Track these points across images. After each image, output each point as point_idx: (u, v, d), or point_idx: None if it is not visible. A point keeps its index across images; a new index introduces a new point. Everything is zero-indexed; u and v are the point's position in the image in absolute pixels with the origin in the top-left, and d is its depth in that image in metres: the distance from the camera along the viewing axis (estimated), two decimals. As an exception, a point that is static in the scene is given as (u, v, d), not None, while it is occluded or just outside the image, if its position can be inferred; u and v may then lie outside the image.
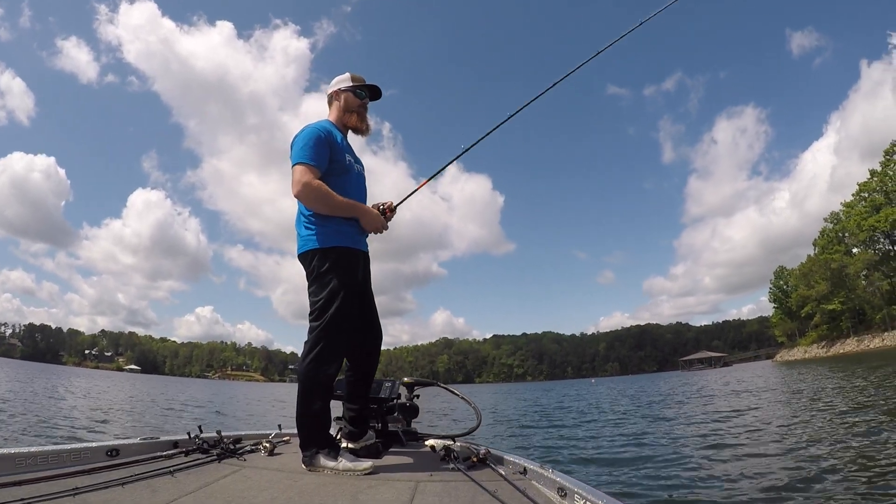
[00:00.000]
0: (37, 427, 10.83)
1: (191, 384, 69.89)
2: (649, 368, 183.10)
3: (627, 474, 7.00)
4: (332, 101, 3.50)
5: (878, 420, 9.54)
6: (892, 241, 73.73)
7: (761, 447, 8.05)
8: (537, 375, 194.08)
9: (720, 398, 19.16)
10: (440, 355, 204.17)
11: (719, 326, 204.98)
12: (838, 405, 12.65)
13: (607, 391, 35.78)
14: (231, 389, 54.63)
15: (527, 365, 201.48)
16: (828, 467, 6.27)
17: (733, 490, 5.70)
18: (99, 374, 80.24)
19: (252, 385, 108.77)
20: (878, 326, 69.20)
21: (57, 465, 2.59)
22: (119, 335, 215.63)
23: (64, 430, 10.62)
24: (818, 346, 79.87)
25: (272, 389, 69.92)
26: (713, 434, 9.93)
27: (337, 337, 3.03)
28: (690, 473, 6.68)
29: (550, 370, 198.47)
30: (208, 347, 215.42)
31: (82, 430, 11.01)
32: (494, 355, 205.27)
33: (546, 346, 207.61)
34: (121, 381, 54.01)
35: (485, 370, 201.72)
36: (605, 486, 6.39)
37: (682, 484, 6.19)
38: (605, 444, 9.95)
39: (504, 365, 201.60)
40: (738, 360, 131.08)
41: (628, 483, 6.50)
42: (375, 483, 2.60)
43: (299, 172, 3.04)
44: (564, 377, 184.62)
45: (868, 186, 74.17)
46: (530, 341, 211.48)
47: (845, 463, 6.43)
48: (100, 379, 51.34)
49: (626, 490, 6.16)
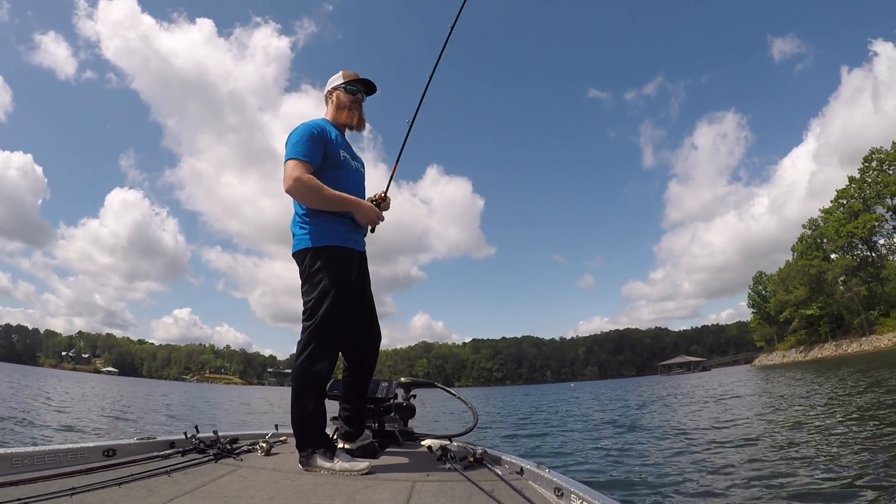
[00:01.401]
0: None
1: (164, 387, 68.51)
2: (628, 373, 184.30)
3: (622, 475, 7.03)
4: (328, 100, 3.52)
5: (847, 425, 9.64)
6: (869, 247, 75.03)
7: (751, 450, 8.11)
8: (516, 379, 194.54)
9: (709, 403, 19.18)
10: (419, 359, 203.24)
11: (698, 331, 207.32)
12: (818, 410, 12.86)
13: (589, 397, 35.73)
14: (203, 392, 53.47)
15: (506, 369, 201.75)
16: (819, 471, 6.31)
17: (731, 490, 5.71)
18: (73, 377, 78.45)
19: (229, 388, 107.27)
20: (855, 331, 70.20)
21: (54, 464, 2.55)
22: (97, 337, 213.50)
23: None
24: (797, 350, 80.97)
25: (249, 392, 69.28)
26: (701, 439, 9.92)
27: (328, 337, 3.01)
28: (686, 473, 6.72)
29: (530, 374, 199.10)
30: (186, 350, 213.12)
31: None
32: (474, 359, 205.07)
33: (525, 351, 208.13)
34: (94, 383, 52.53)
35: (464, 374, 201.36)
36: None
37: (680, 484, 6.20)
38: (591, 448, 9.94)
39: (483, 369, 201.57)
40: (717, 364, 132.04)
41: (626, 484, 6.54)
42: (372, 483, 2.58)
43: (290, 167, 3.04)
44: (544, 381, 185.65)
45: (847, 193, 75.44)
46: (510, 345, 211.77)
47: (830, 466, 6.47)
48: (72, 381, 49.91)
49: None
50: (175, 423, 15.50)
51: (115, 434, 11.46)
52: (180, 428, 12.50)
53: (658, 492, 5.93)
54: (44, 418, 13.10)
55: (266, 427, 3.98)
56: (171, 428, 13.37)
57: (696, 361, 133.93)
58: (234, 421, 18.33)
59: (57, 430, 10.98)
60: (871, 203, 71.85)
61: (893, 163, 68.70)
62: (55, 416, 13.89)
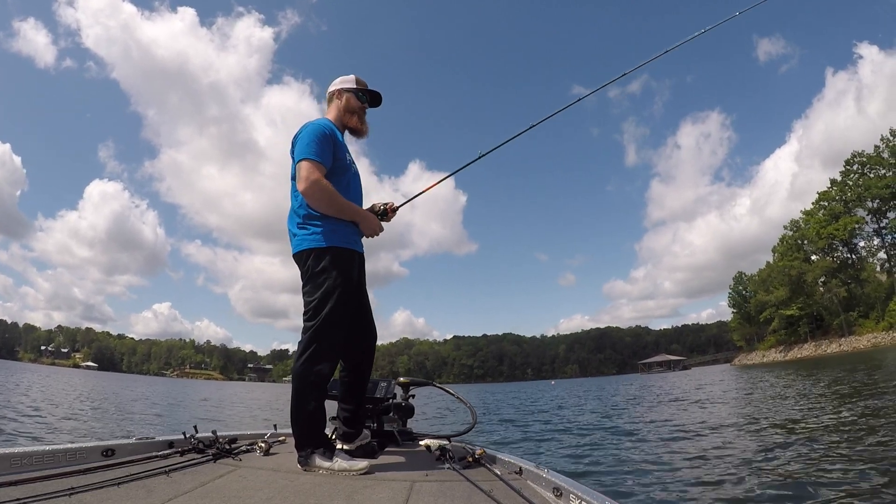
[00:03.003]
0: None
1: (141, 382, 67.46)
2: (608, 371, 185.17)
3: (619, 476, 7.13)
4: (333, 99, 3.48)
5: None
6: (849, 249, 75.97)
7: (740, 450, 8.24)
8: (497, 377, 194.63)
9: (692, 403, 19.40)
10: (400, 356, 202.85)
11: (678, 330, 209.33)
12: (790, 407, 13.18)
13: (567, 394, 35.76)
14: (181, 389, 52.50)
15: (487, 366, 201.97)
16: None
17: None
18: (51, 372, 77.28)
19: (209, 383, 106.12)
20: (835, 332, 71.14)
21: (52, 464, 2.54)
22: (76, 331, 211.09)
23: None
24: (776, 350, 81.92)
25: (230, 388, 68.98)
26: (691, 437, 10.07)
27: (331, 337, 3.01)
28: (680, 475, 6.81)
29: (510, 371, 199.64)
30: (166, 345, 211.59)
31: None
32: (455, 356, 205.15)
33: (506, 348, 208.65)
34: (69, 378, 51.50)
35: (445, 371, 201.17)
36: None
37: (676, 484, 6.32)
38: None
39: (464, 366, 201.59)
40: (697, 363, 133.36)
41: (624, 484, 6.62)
42: (371, 483, 2.58)
43: (307, 169, 3.01)
44: (524, 378, 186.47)
45: (828, 195, 76.37)
46: (491, 343, 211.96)
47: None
48: (47, 376, 48.92)
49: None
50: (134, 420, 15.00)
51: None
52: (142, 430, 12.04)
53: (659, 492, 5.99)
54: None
55: (265, 427, 3.98)
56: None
57: (676, 360, 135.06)
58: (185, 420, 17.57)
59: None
60: (851, 206, 72.84)
61: (875, 166, 69.51)
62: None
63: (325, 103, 3.51)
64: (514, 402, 27.81)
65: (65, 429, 11.67)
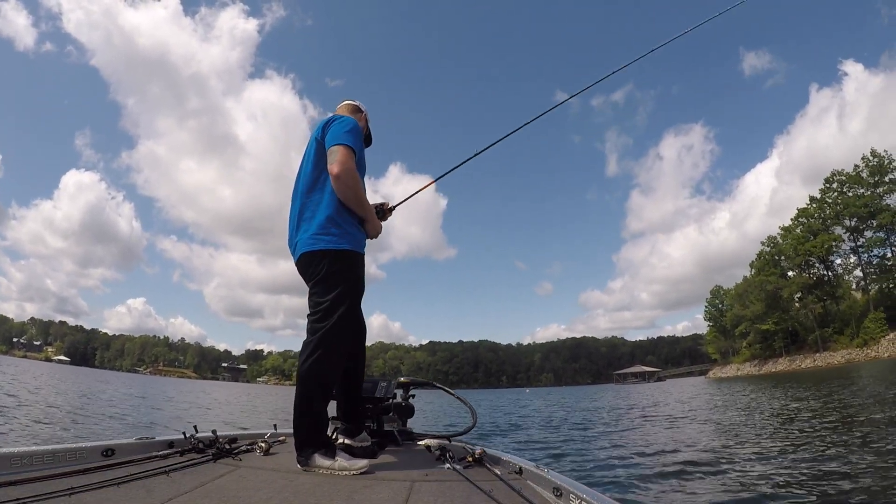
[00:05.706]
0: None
1: (114, 379, 66.06)
2: (583, 381, 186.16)
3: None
4: (357, 111, 3.59)
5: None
6: (826, 266, 77.10)
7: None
8: (472, 383, 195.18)
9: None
10: (375, 360, 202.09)
11: (654, 342, 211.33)
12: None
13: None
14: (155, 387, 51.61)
15: (462, 372, 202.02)
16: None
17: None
18: (24, 364, 75.45)
19: (183, 381, 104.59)
20: (809, 347, 72.22)
21: (52, 464, 2.51)
22: (49, 324, 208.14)
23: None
24: (751, 364, 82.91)
25: (203, 386, 67.45)
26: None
27: (341, 340, 3.00)
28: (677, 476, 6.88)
29: (485, 378, 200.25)
30: (140, 341, 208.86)
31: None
32: (430, 361, 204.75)
33: (482, 355, 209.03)
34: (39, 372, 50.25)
35: (419, 376, 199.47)
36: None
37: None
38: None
39: (439, 372, 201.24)
40: (671, 375, 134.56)
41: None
42: (371, 483, 2.58)
43: (346, 155, 3.03)
44: (499, 386, 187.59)
45: (807, 212, 77.52)
46: (466, 349, 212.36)
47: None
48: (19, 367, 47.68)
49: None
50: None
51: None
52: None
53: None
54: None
55: (265, 427, 4.00)
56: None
57: (651, 371, 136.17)
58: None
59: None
60: (829, 223, 73.85)
61: (854, 185, 70.54)
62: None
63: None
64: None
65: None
